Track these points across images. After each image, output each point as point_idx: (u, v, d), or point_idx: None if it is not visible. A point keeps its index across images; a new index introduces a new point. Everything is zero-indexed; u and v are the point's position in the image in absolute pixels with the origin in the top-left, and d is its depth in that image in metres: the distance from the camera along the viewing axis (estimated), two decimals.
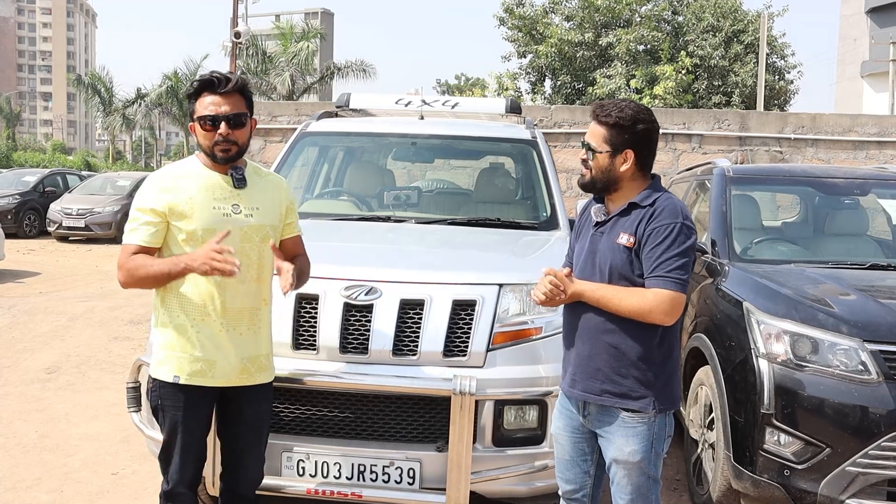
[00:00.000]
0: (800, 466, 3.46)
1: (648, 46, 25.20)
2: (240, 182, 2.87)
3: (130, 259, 2.77)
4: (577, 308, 2.81)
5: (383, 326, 3.38)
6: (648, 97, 23.21)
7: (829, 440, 3.41)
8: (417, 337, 3.38)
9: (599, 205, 2.89)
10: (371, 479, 3.36)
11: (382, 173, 5.09)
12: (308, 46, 39.76)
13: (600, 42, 25.30)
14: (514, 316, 3.45)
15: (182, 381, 2.81)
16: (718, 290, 4.24)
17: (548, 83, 28.47)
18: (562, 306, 2.90)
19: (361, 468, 3.36)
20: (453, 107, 5.40)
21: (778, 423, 3.51)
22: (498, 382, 3.34)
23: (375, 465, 3.35)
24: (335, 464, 3.37)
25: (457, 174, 6.93)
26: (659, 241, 2.68)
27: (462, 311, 3.43)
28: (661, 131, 7.72)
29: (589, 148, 2.80)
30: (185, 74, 43.07)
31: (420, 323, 3.39)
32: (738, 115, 7.71)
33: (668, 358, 2.79)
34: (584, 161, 2.82)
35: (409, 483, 3.35)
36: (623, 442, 2.77)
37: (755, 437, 3.58)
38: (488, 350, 3.39)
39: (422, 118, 5.22)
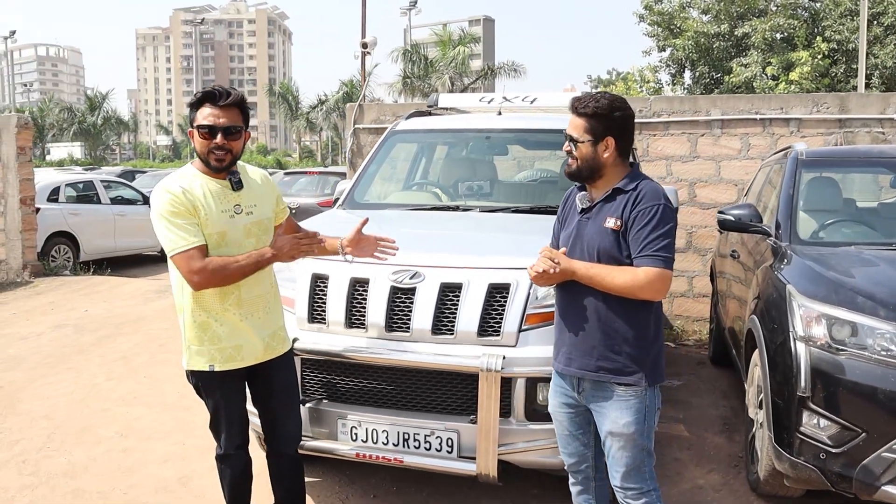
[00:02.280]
0: (836, 450, 3.15)
1: (785, 34, 23.51)
2: (237, 185, 2.94)
3: (210, 260, 2.78)
4: (570, 289, 2.75)
5: (424, 308, 3.37)
6: (784, 83, 21.74)
7: (866, 425, 3.08)
8: (455, 317, 3.34)
9: (583, 192, 2.82)
10: (414, 447, 3.37)
11: (461, 165, 5.04)
12: (464, 51, 40.13)
13: (736, 32, 23.99)
14: (547, 298, 3.33)
15: (217, 369, 2.92)
16: (772, 273, 3.89)
17: (687, 74, 27.32)
18: (555, 290, 2.82)
19: (406, 436, 3.37)
20: (532, 102, 5.26)
21: (814, 407, 3.21)
22: (528, 361, 3.25)
23: (418, 434, 3.36)
24: (383, 431, 3.40)
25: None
26: (644, 222, 2.62)
27: (497, 294, 3.36)
28: (759, 116, 7.17)
29: (571, 139, 2.74)
30: (358, 81, 44.44)
31: (458, 304, 3.35)
32: (837, 97, 7.00)
33: (657, 335, 2.74)
34: (569, 152, 2.77)
35: (448, 451, 3.33)
36: (617, 415, 2.71)
37: (793, 419, 3.30)
38: (520, 330, 3.30)
39: (500, 114, 5.12)
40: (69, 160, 46.47)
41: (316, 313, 3.56)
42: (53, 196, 11.81)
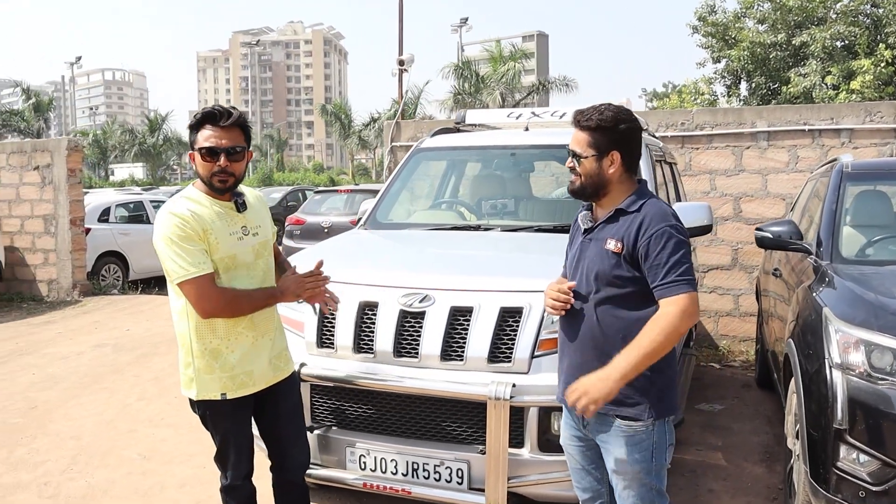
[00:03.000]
0: (877, 488, 2.89)
1: (845, 42, 22.79)
2: (242, 206, 2.86)
3: (225, 291, 2.73)
4: (569, 317, 2.59)
5: (433, 332, 3.25)
6: (845, 92, 21.04)
7: None
8: (465, 342, 3.20)
9: (586, 212, 2.65)
10: (424, 477, 3.24)
11: (485, 183, 4.92)
12: (515, 66, 40.04)
13: (794, 42, 23.35)
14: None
15: (229, 396, 2.83)
16: (810, 294, 3.65)
17: (743, 85, 26.72)
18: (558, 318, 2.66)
19: (415, 466, 3.25)
20: (561, 116, 5.10)
21: (852, 441, 2.96)
22: (541, 389, 3.09)
23: (427, 464, 3.23)
24: (392, 460, 3.28)
25: None
26: (658, 250, 2.42)
27: (510, 318, 3.22)
28: (807, 127, 6.89)
29: (574, 155, 2.56)
30: (410, 99, 44.77)
31: (468, 329, 3.21)
32: (892, 105, 6.64)
33: (665, 365, 2.49)
34: (572, 168, 2.59)
35: (458, 482, 3.19)
36: (621, 451, 2.51)
37: (829, 453, 3.04)
38: (533, 356, 3.15)
39: (526, 129, 4.98)
40: (130, 180, 47.90)
41: (325, 338, 3.46)
42: (104, 217, 12.08)
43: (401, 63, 13.69)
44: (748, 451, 4.71)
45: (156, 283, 12.05)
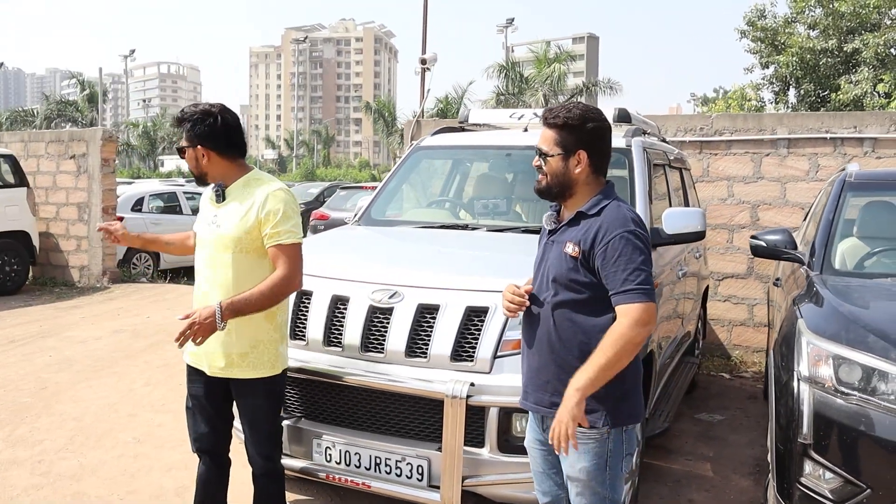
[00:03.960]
0: None
1: None
2: (219, 197, 2.98)
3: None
4: (530, 320, 2.56)
5: (400, 329, 3.27)
6: None
7: (871, 480, 2.76)
8: (429, 340, 3.21)
9: (550, 212, 2.59)
10: (385, 472, 3.27)
11: (479, 182, 4.91)
12: (559, 68, 39.79)
13: (845, 48, 22.74)
14: None
15: (184, 359, 3.18)
16: (792, 305, 3.58)
17: (791, 92, 26.12)
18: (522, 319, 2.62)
19: (378, 460, 3.28)
20: None
21: (815, 456, 2.90)
22: (503, 390, 3.09)
23: (389, 459, 3.26)
24: (356, 454, 3.32)
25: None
26: (615, 256, 2.37)
27: (475, 317, 3.21)
28: (829, 135, 6.73)
29: (541, 153, 2.52)
30: (454, 98, 44.88)
31: (433, 326, 3.22)
32: None
33: (625, 372, 2.42)
34: (539, 167, 2.53)
35: (418, 479, 3.21)
36: (574, 458, 2.47)
37: (794, 468, 2.98)
38: (495, 356, 3.14)
39: (526, 130, 4.96)
40: (177, 172, 48.88)
41: (298, 330, 3.51)
42: (137, 206, 12.39)
43: (423, 62, 13.74)
44: (739, 463, 4.63)
45: (185, 273, 12.29)
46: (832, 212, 4.15)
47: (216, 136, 2.92)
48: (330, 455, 3.35)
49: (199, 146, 2.92)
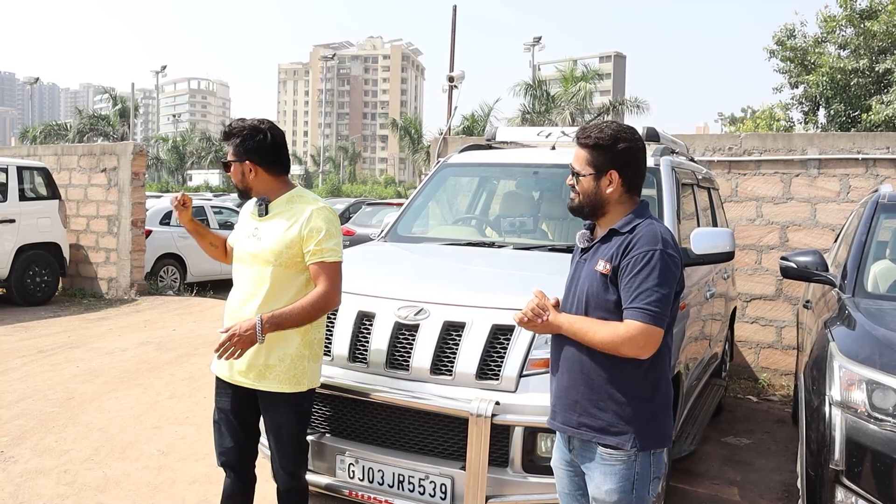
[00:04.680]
0: None
1: None
2: (261, 211, 3.02)
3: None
4: (560, 338, 2.53)
5: (425, 346, 3.26)
6: None
7: None
8: (455, 357, 3.19)
9: (584, 231, 2.57)
10: (409, 490, 3.24)
11: (507, 200, 4.91)
12: (586, 87, 39.77)
13: (877, 68, 22.50)
14: None
15: (211, 369, 3.18)
16: (823, 328, 3.52)
17: (821, 112, 25.88)
18: (550, 337, 2.60)
19: (401, 478, 3.26)
20: None
21: (847, 483, 2.84)
22: (528, 409, 3.07)
23: (413, 477, 3.24)
24: (379, 471, 3.30)
25: None
26: (636, 270, 2.35)
27: (501, 336, 3.20)
28: (861, 156, 6.64)
29: (573, 172, 2.50)
30: (480, 116, 45.03)
31: (459, 344, 3.21)
32: None
33: (654, 393, 2.42)
34: (572, 186, 2.52)
35: (441, 498, 3.19)
36: (601, 480, 2.44)
37: (825, 494, 2.92)
38: (521, 376, 3.12)
39: (553, 148, 4.95)
40: (205, 186, 49.51)
41: (324, 346, 3.51)
42: (165, 220, 12.52)
43: (451, 79, 13.82)
44: (766, 488, 4.54)
45: (211, 287, 12.40)
46: (865, 233, 4.09)
47: (264, 152, 2.97)
48: (353, 472, 3.34)
49: (247, 161, 2.96)
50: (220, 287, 12.63)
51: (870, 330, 3.15)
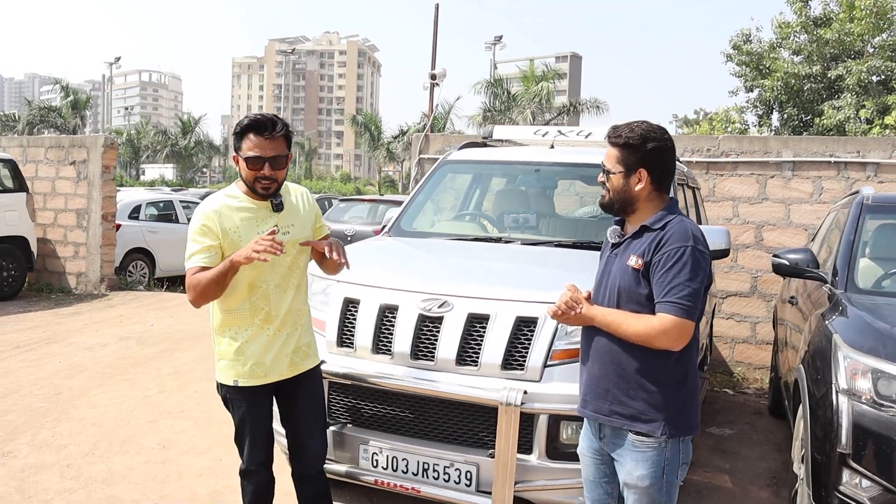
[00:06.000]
0: None
1: (882, 76, 22.66)
2: (278, 207, 2.98)
3: (192, 277, 2.89)
4: (591, 330, 2.64)
5: (450, 337, 3.36)
6: (879, 127, 20.93)
7: None
8: (480, 348, 3.30)
9: (615, 227, 2.69)
10: (433, 477, 3.34)
11: (508, 197, 5.03)
12: (547, 86, 40.19)
13: (829, 74, 23.27)
14: (575, 334, 3.25)
15: (241, 384, 2.98)
16: (822, 322, 3.71)
17: (775, 116, 26.63)
18: (580, 328, 2.71)
19: (425, 466, 3.35)
20: (587, 136, 5.21)
21: (854, 465, 3.02)
22: (552, 398, 3.19)
23: (438, 465, 3.33)
24: (403, 459, 3.38)
25: None
26: (669, 266, 2.45)
27: (525, 327, 3.32)
28: (833, 159, 6.91)
29: (604, 170, 2.61)
30: (441, 113, 45.11)
31: (483, 336, 3.31)
32: None
33: (683, 382, 2.53)
34: (602, 183, 2.63)
35: (466, 484, 3.29)
36: (632, 466, 2.55)
37: (832, 477, 3.10)
38: (545, 366, 3.24)
39: (552, 147, 5.09)
40: (160, 181, 48.63)
41: (345, 337, 3.59)
42: (134, 214, 12.36)
43: (433, 77, 13.90)
44: (755, 475, 4.75)
45: (181, 282, 12.26)
46: (852, 233, 4.30)
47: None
48: (377, 461, 3.42)
49: (289, 153, 3.00)
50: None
51: (871, 323, 3.35)
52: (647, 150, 2.55)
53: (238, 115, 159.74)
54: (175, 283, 12.20)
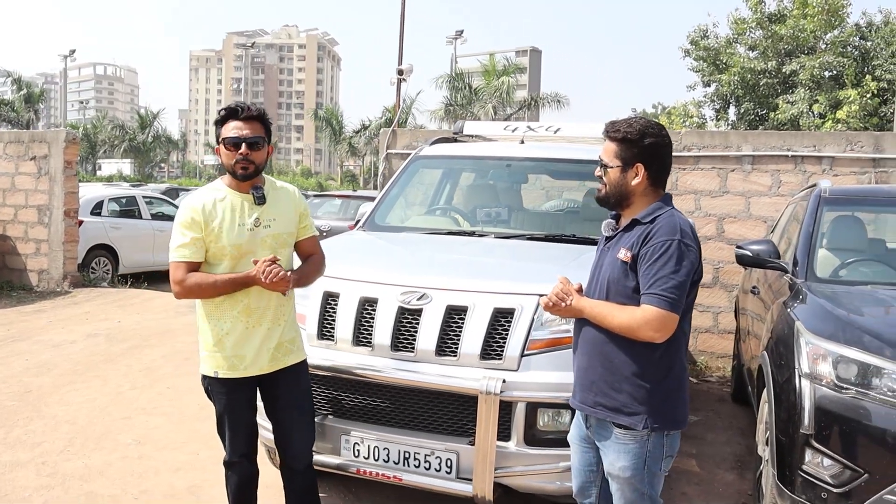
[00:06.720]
0: (836, 490, 3.10)
1: (834, 72, 23.29)
2: (260, 200, 3.05)
3: (189, 276, 2.95)
4: (581, 321, 2.73)
5: (429, 329, 3.44)
6: (831, 121, 21.51)
7: (868, 466, 3.03)
8: (459, 339, 3.39)
9: (610, 220, 2.77)
10: (414, 466, 3.42)
11: (480, 192, 5.13)
12: (508, 81, 40.42)
13: (783, 69, 23.86)
14: (551, 324, 3.36)
15: (220, 376, 3.05)
16: (784, 310, 3.88)
17: (731, 110, 27.19)
18: (572, 319, 2.80)
19: (406, 454, 3.42)
20: (556, 132, 5.33)
21: (817, 445, 3.17)
22: (530, 386, 3.29)
23: (418, 453, 3.41)
24: (384, 449, 3.46)
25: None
26: (654, 258, 2.52)
27: (502, 318, 3.41)
28: (790, 153, 7.11)
29: (602, 164, 2.69)
30: (403, 108, 44.88)
31: (462, 327, 3.40)
32: (871, 136, 6.94)
33: (667, 375, 2.60)
34: (600, 177, 2.71)
35: (447, 472, 3.38)
36: (615, 457, 2.65)
37: (796, 457, 3.26)
38: (522, 355, 3.34)
39: (522, 142, 5.20)
40: (118, 176, 47.78)
41: (325, 330, 3.64)
42: (97, 210, 12.19)
43: (400, 73, 13.95)
44: (720, 459, 4.93)
45: (145, 278, 12.14)
46: (811, 224, 4.48)
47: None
48: (358, 450, 3.49)
49: (269, 145, 3.07)
50: (153, 279, 12.39)
51: (830, 310, 3.51)
52: (644, 145, 2.60)
53: (196, 109, 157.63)
54: (139, 279, 12.07)
